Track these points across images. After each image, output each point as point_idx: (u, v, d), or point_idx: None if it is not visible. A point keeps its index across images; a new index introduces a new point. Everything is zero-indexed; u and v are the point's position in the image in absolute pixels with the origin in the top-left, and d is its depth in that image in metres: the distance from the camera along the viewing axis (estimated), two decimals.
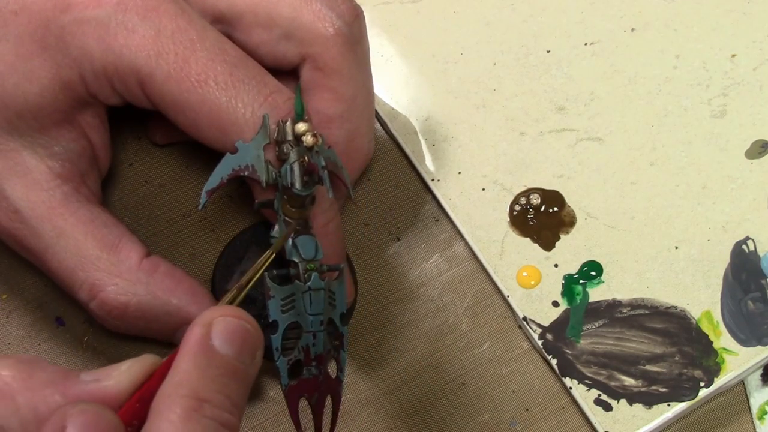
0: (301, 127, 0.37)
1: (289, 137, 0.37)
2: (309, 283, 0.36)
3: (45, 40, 0.37)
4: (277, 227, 0.38)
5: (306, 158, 0.37)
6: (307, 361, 0.36)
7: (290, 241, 0.37)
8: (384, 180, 0.46)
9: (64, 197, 0.38)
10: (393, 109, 0.47)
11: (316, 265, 0.37)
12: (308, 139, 0.37)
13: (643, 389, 0.41)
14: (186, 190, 0.46)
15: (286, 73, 0.42)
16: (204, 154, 0.46)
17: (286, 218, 0.37)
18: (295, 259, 0.37)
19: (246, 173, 0.37)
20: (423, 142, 0.46)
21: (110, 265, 0.38)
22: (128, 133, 0.46)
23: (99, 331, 0.43)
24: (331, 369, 0.38)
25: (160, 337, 0.40)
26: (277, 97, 0.38)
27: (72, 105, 0.38)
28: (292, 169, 0.36)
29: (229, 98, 0.37)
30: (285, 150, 0.37)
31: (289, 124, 0.37)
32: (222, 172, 0.37)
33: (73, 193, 0.39)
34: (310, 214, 0.38)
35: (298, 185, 0.36)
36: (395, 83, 0.47)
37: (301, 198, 0.37)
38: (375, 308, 0.44)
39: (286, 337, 0.36)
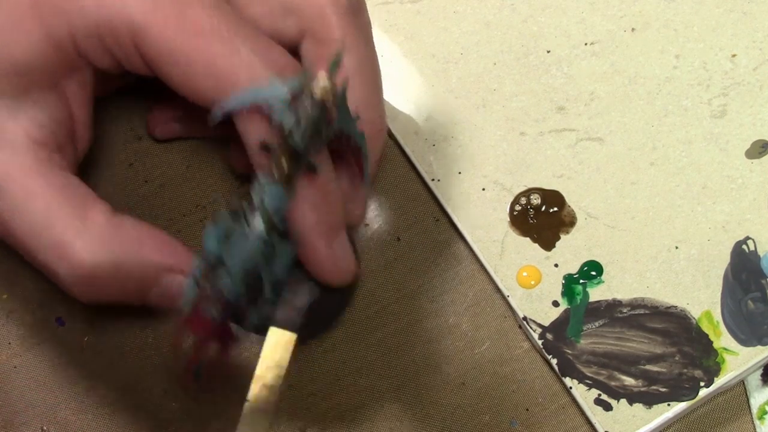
0: (321, 78, 0.34)
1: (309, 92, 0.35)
2: (250, 228, 0.35)
3: None
4: (257, 183, 0.36)
5: (312, 107, 0.34)
6: (208, 303, 0.35)
7: (261, 185, 0.35)
8: (384, 180, 0.46)
9: (38, 161, 0.37)
10: (393, 109, 0.47)
11: (276, 219, 0.35)
12: (322, 82, 0.34)
13: (643, 389, 0.41)
14: (186, 190, 0.46)
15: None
16: (204, 154, 0.46)
17: (269, 172, 0.35)
18: (254, 200, 0.35)
19: (265, 111, 0.35)
20: (423, 142, 0.46)
21: (79, 224, 0.37)
22: (128, 133, 0.46)
23: (99, 331, 0.43)
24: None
25: (135, 299, 0.39)
26: (273, 50, 0.37)
27: (60, 66, 0.38)
28: (298, 117, 0.34)
29: (225, 48, 0.36)
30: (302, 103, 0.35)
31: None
32: (243, 99, 0.35)
33: (47, 159, 0.38)
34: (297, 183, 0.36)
35: (297, 137, 0.34)
36: (395, 83, 0.47)
37: (296, 154, 0.35)
38: (375, 308, 0.44)
39: (211, 265, 0.35)
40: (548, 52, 0.48)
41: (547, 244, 0.44)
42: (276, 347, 0.34)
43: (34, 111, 0.38)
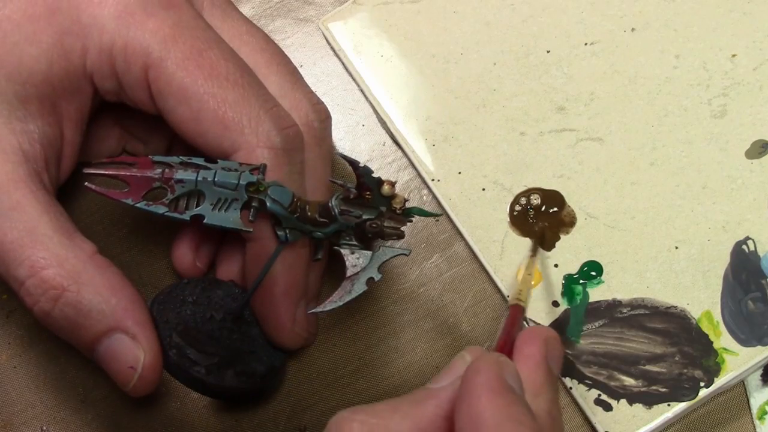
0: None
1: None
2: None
3: (58, 2, 0.36)
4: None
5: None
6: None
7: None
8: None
9: (27, 174, 0.37)
10: (393, 108, 0.47)
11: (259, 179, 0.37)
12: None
13: (643, 389, 0.41)
14: None
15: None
16: None
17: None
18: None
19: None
20: (423, 142, 0.46)
21: (61, 248, 0.36)
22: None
23: None
24: None
25: (79, 343, 0.37)
26: (280, 110, 0.38)
27: (63, 82, 0.37)
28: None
29: (238, 96, 0.37)
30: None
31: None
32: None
33: (34, 175, 0.37)
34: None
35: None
36: (395, 83, 0.47)
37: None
38: (375, 308, 0.44)
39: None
40: (548, 52, 0.48)
41: (547, 244, 0.44)
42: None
43: (30, 124, 0.37)
